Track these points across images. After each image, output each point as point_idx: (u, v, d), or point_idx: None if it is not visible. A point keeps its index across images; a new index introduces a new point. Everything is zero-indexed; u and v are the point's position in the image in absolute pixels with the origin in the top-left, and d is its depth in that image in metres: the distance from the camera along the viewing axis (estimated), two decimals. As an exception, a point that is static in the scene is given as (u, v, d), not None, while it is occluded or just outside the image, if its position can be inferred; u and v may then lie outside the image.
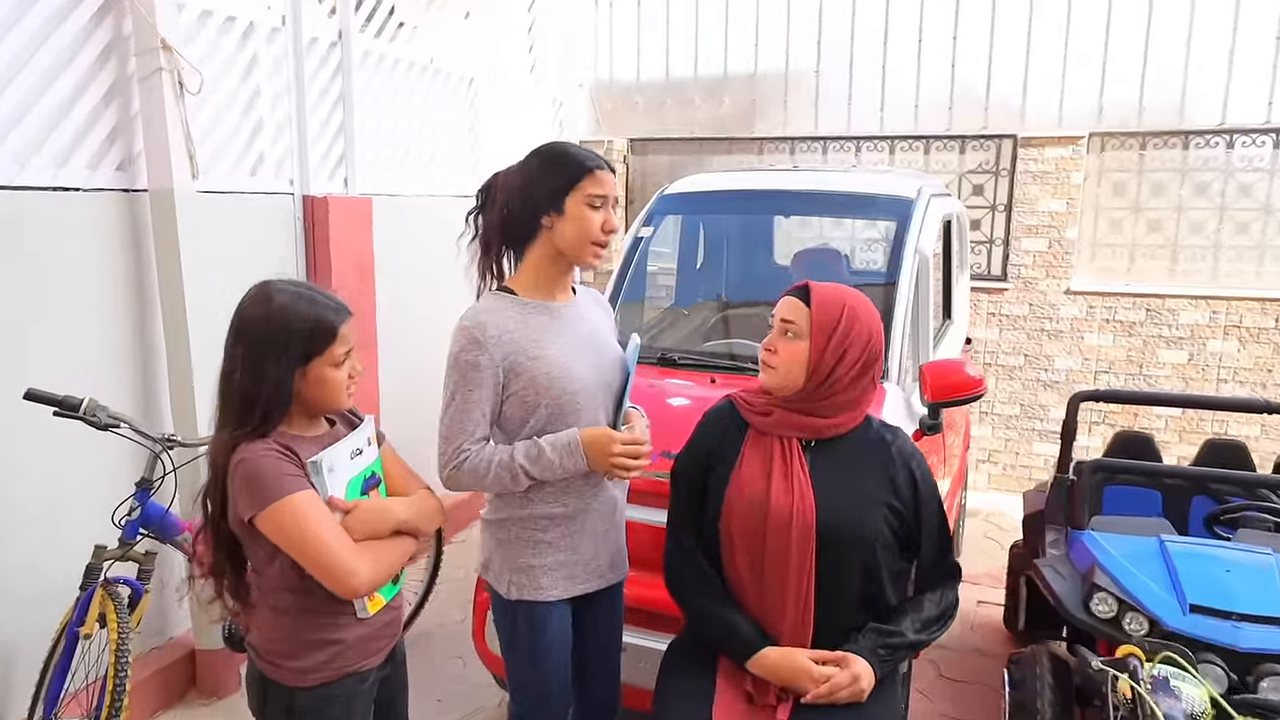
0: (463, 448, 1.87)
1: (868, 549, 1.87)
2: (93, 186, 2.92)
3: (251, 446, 1.59)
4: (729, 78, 6.26)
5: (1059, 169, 5.43)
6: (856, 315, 1.88)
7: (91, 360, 2.95)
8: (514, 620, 2.00)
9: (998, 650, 3.72)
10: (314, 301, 1.64)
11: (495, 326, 1.88)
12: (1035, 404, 5.67)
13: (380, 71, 4.32)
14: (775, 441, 1.93)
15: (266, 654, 1.70)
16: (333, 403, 1.69)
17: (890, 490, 1.90)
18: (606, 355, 2.02)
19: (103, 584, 2.50)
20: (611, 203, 1.95)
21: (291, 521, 1.55)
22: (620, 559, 2.11)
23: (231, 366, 1.61)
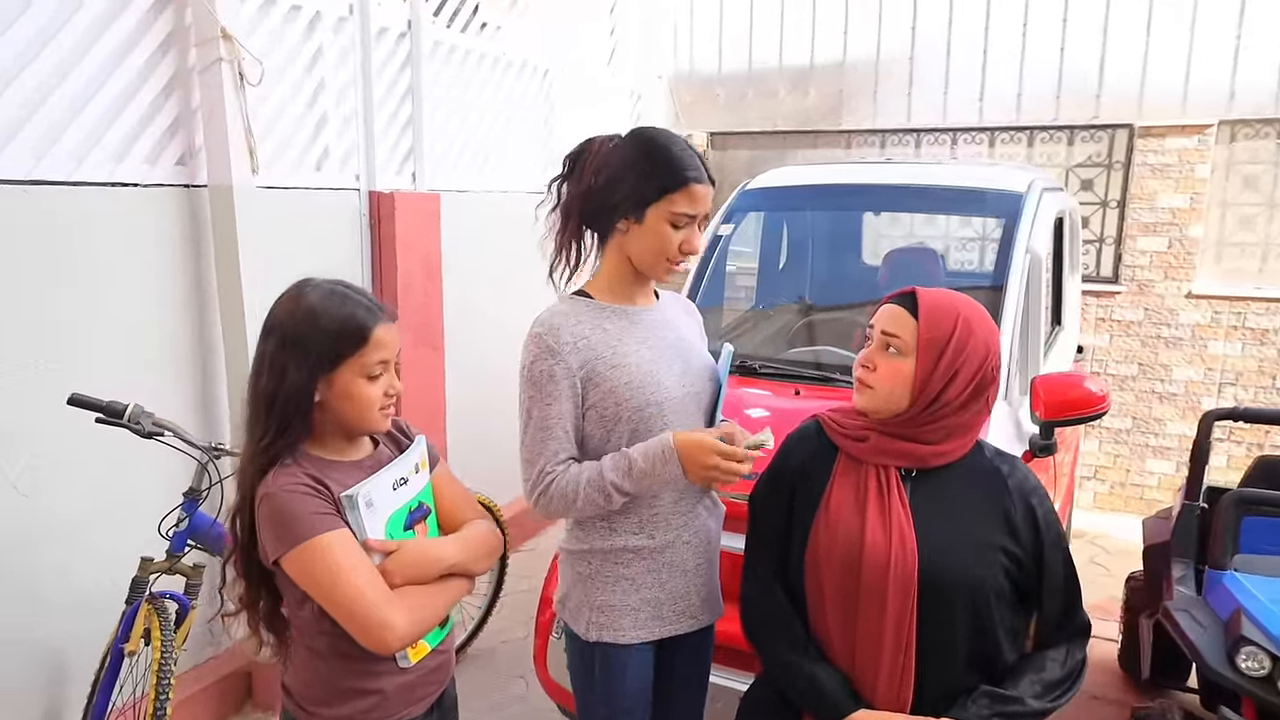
0: (547, 470, 1.67)
1: (979, 600, 1.59)
2: (151, 182, 2.83)
3: (279, 478, 1.41)
4: (815, 67, 5.94)
5: (1182, 161, 4.95)
6: (971, 329, 1.60)
7: (150, 360, 2.86)
8: (590, 662, 1.79)
9: (1113, 695, 3.35)
10: (347, 299, 1.46)
11: (570, 332, 1.67)
12: (1149, 417, 5.19)
13: (451, 63, 4.18)
14: (870, 470, 1.66)
15: (300, 699, 1.53)
16: (361, 422, 1.49)
17: (1006, 531, 1.62)
18: (695, 364, 1.79)
19: (148, 599, 2.39)
20: (700, 221, 1.72)
21: (320, 566, 1.37)
22: (714, 598, 1.88)
23: (258, 368, 1.44)
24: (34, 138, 2.50)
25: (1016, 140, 5.44)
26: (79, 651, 2.67)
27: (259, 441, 1.43)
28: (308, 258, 3.38)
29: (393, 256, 3.69)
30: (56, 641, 2.64)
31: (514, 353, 1.75)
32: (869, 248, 4.63)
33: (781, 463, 1.80)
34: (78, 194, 2.62)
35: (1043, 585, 1.63)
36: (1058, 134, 5.32)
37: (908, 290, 1.65)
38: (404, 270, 3.73)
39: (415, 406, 3.81)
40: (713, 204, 1.80)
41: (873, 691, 1.63)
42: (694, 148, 1.72)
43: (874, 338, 1.67)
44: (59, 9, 2.54)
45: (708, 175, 1.70)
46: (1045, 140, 5.36)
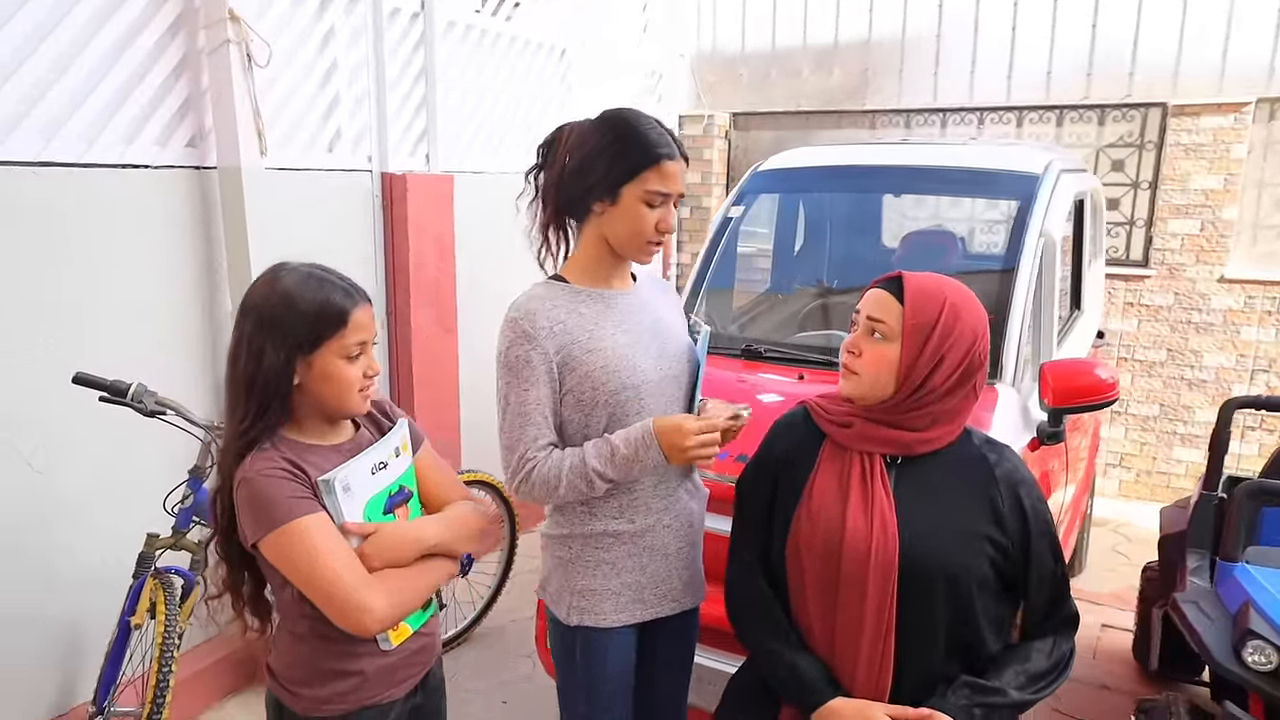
0: (527, 456, 1.67)
1: (960, 588, 1.56)
2: (162, 164, 2.86)
3: (256, 462, 1.42)
4: (840, 46, 5.84)
5: (1217, 141, 4.80)
6: (958, 313, 1.56)
7: (161, 341, 2.91)
8: (571, 647, 1.80)
9: (1126, 686, 3.29)
10: (324, 282, 1.46)
11: (545, 317, 1.67)
12: (1178, 404, 5.07)
13: (465, 43, 4.16)
14: (855, 457, 1.64)
15: (283, 679, 1.55)
16: (341, 403, 1.49)
17: (991, 520, 1.59)
18: (672, 347, 1.78)
19: (154, 574, 2.44)
20: (675, 199, 1.70)
21: (298, 550, 1.38)
22: (696, 582, 1.87)
23: (235, 350, 1.45)
24: (43, 120, 2.53)
25: (1045, 120, 5.31)
26: (92, 626, 2.74)
27: (238, 425, 1.44)
28: (320, 239, 3.41)
29: (405, 238, 3.70)
30: (70, 616, 2.71)
31: None
32: (891, 230, 4.55)
33: (768, 448, 1.79)
34: (88, 175, 2.66)
35: (1029, 575, 1.61)
36: (1088, 113, 5.18)
37: (894, 275, 1.62)
38: (416, 251, 3.75)
39: (428, 386, 3.84)
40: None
41: (851, 679, 1.61)
42: (665, 126, 1.70)
43: (860, 323, 1.64)
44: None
45: (680, 152, 1.68)
46: (1075, 120, 5.23)
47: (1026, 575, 1.61)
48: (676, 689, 1.96)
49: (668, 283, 1.96)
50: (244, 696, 3.17)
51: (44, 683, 2.66)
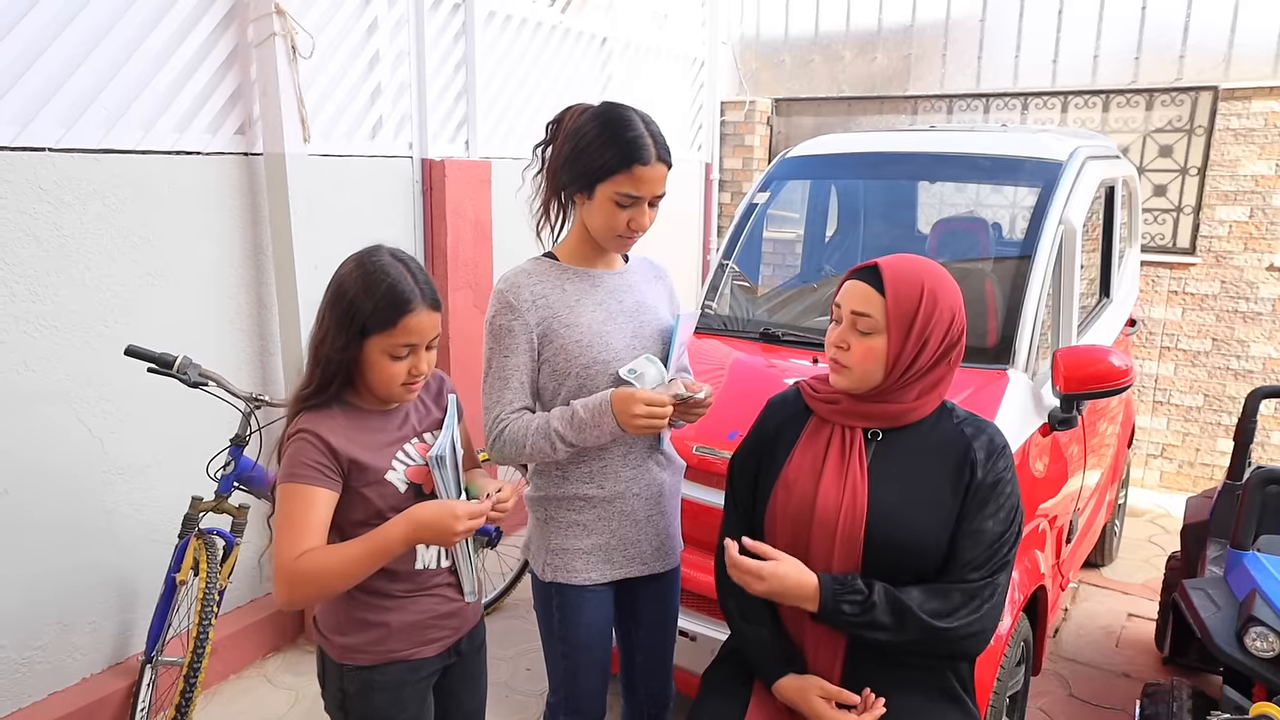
0: (501, 417, 1.80)
1: (926, 564, 1.62)
2: (212, 150, 3.04)
3: (306, 421, 1.52)
4: (883, 31, 5.81)
5: (1269, 125, 4.68)
6: (936, 296, 1.62)
7: (212, 317, 3.09)
8: (548, 603, 1.92)
9: (1146, 675, 3.29)
10: (398, 280, 1.52)
11: (530, 291, 1.79)
12: (1223, 395, 4.98)
13: (506, 31, 4.28)
14: (835, 431, 1.71)
15: (322, 626, 1.67)
16: (382, 392, 1.58)
17: (961, 494, 1.63)
18: (647, 329, 1.87)
19: (197, 534, 2.62)
20: (648, 201, 1.76)
21: (283, 508, 1.50)
22: (668, 547, 1.97)
23: (317, 319, 1.56)
24: (104, 110, 2.71)
25: (1091, 105, 5.22)
26: (147, 582, 2.94)
27: (301, 390, 1.55)
28: (361, 223, 3.57)
29: (444, 221, 3.85)
30: (127, 573, 2.92)
31: None
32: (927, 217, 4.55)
33: (760, 427, 1.87)
34: (144, 162, 2.84)
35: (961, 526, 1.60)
36: (1135, 98, 5.08)
37: (870, 264, 1.67)
38: (454, 235, 3.89)
39: (464, 367, 3.99)
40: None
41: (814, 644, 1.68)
42: (653, 127, 1.75)
43: (843, 317, 1.68)
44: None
45: (660, 157, 1.73)
46: (1122, 105, 5.13)
47: (967, 523, 1.61)
48: (659, 646, 2.06)
49: (662, 268, 2.02)
50: (285, 654, 3.37)
51: (104, 633, 2.88)
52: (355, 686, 1.64)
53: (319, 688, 1.74)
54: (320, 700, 1.76)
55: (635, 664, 2.05)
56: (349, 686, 1.64)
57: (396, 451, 1.61)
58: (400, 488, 1.58)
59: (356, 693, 1.64)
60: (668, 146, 1.78)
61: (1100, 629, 3.64)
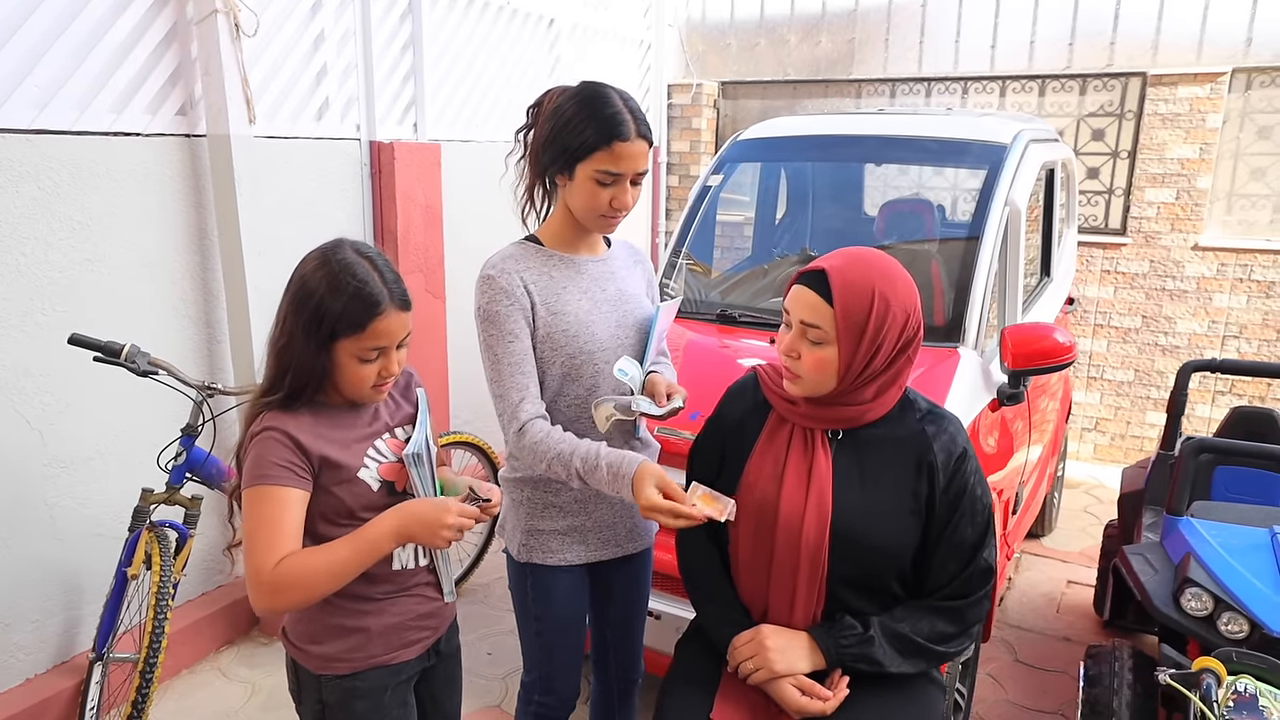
0: (519, 413, 1.74)
1: (893, 565, 1.63)
2: (153, 131, 2.94)
3: (272, 419, 1.45)
4: (827, 15, 5.88)
5: (1193, 110, 4.87)
6: (888, 300, 1.56)
7: (155, 304, 3.00)
8: (523, 583, 1.93)
9: (1085, 638, 3.44)
10: (365, 280, 1.44)
11: (519, 275, 1.77)
12: (1151, 370, 5.19)
13: (453, 11, 4.22)
14: (797, 430, 1.69)
15: (294, 636, 1.60)
16: (351, 394, 1.52)
17: (925, 494, 1.63)
18: (632, 316, 1.88)
19: (149, 527, 2.56)
20: (630, 179, 1.73)
21: (253, 511, 1.42)
22: (642, 529, 1.99)
23: (277, 320, 1.48)
24: (36, 88, 2.60)
25: (1028, 89, 5.37)
26: (92, 578, 2.86)
27: (266, 394, 1.47)
28: (309, 206, 3.50)
29: (393, 205, 3.79)
30: (71, 568, 2.83)
31: None
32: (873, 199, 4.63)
33: (719, 414, 1.84)
34: (80, 143, 2.74)
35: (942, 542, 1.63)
36: (1070, 83, 5.24)
37: (817, 267, 1.61)
38: (404, 219, 3.83)
39: (417, 351, 3.92)
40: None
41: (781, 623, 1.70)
42: (632, 104, 1.73)
43: (792, 325, 1.63)
44: (57, -37, 2.63)
45: (639, 133, 1.71)
46: (1057, 90, 5.29)
47: (947, 536, 1.63)
48: (630, 622, 2.08)
49: (641, 252, 2.04)
50: (240, 647, 3.31)
51: (48, 631, 2.79)
52: (335, 696, 1.58)
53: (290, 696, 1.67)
54: (276, 693, 1.70)
55: (606, 640, 2.07)
56: (329, 697, 1.58)
57: (368, 448, 1.55)
58: (373, 485, 1.54)
59: (337, 703, 1.58)
60: (648, 123, 1.76)
61: (1042, 596, 3.79)
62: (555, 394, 1.82)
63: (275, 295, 1.54)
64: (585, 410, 1.82)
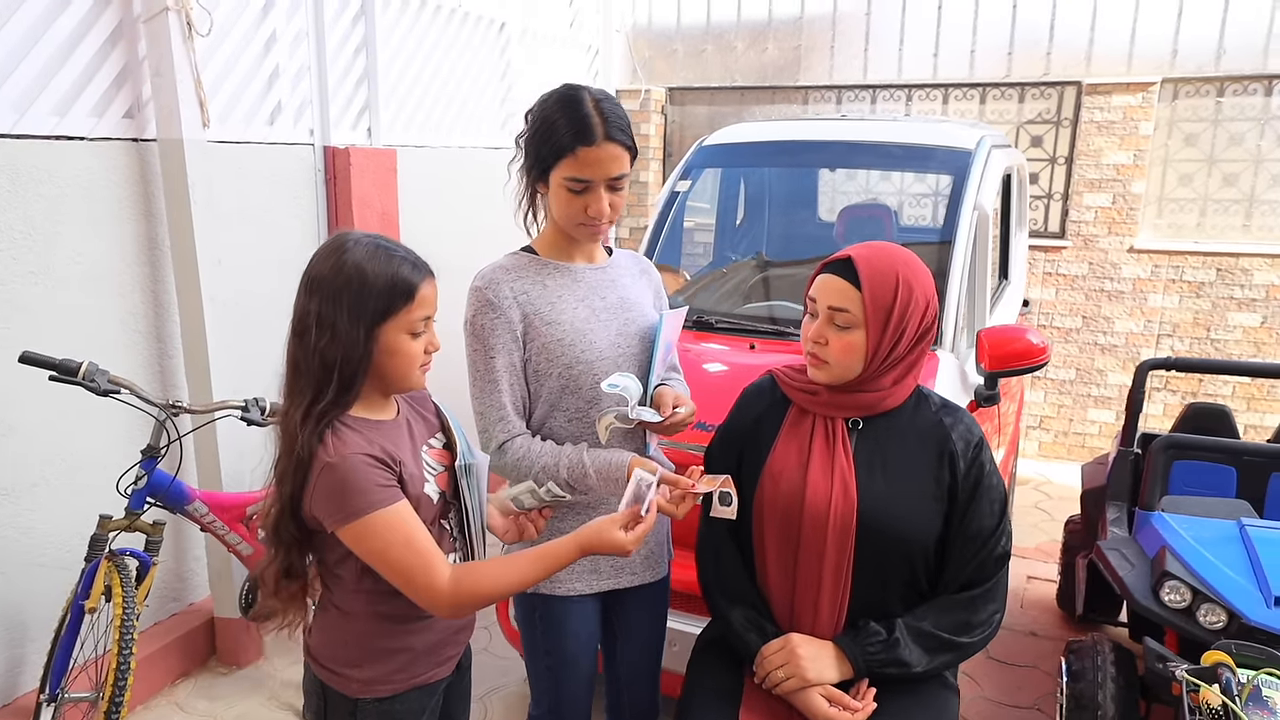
0: (497, 432, 1.70)
1: (915, 548, 1.65)
2: (98, 135, 2.77)
3: (342, 445, 1.37)
4: (774, 22, 5.93)
5: (1127, 118, 5.07)
6: (912, 285, 1.62)
7: (104, 316, 2.83)
8: (531, 615, 1.85)
9: (1052, 632, 3.52)
10: (392, 255, 1.42)
11: (510, 287, 1.71)
12: (1092, 368, 5.38)
13: (405, 14, 4.11)
14: (818, 421, 1.71)
15: (327, 660, 1.51)
16: (401, 379, 1.45)
17: (946, 482, 1.66)
18: (633, 327, 1.81)
19: (108, 556, 2.40)
20: (603, 185, 1.65)
21: (387, 537, 1.36)
22: (656, 556, 1.92)
23: (304, 325, 1.39)
24: (-27, 90, 2.43)
25: (969, 97, 5.51)
26: (38, 611, 2.67)
27: (313, 403, 1.38)
28: (264, 213, 3.35)
29: (349, 212, 3.66)
30: (15, 601, 2.64)
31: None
32: (825, 204, 4.68)
33: (736, 417, 1.85)
34: (20, 147, 2.56)
35: (964, 528, 1.65)
36: (1009, 91, 5.40)
37: (843, 256, 1.65)
38: (361, 226, 3.70)
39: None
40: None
41: (810, 632, 1.69)
42: (606, 106, 1.65)
43: (819, 312, 1.66)
44: (-5, -45, 2.46)
45: (610, 136, 1.62)
46: (997, 97, 5.44)
47: (965, 524, 1.65)
48: (646, 659, 2.00)
49: (648, 263, 1.98)
50: (197, 679, 3.14)
51: (-10, 671, 2.60)
52: (372, 717, 1.51)
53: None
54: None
55: (619, 677, 2.00)
56: (365, 717, 1.50)
57: (422, 462, 1.50)
58: (434, 498, 1.48)
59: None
60: (623, 124, 1.67)
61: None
62: (553, 407, 1.75)
63: (233, 306, 1.46)
64: (584, 425, 1.76)
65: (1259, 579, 2.33)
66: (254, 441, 2.86)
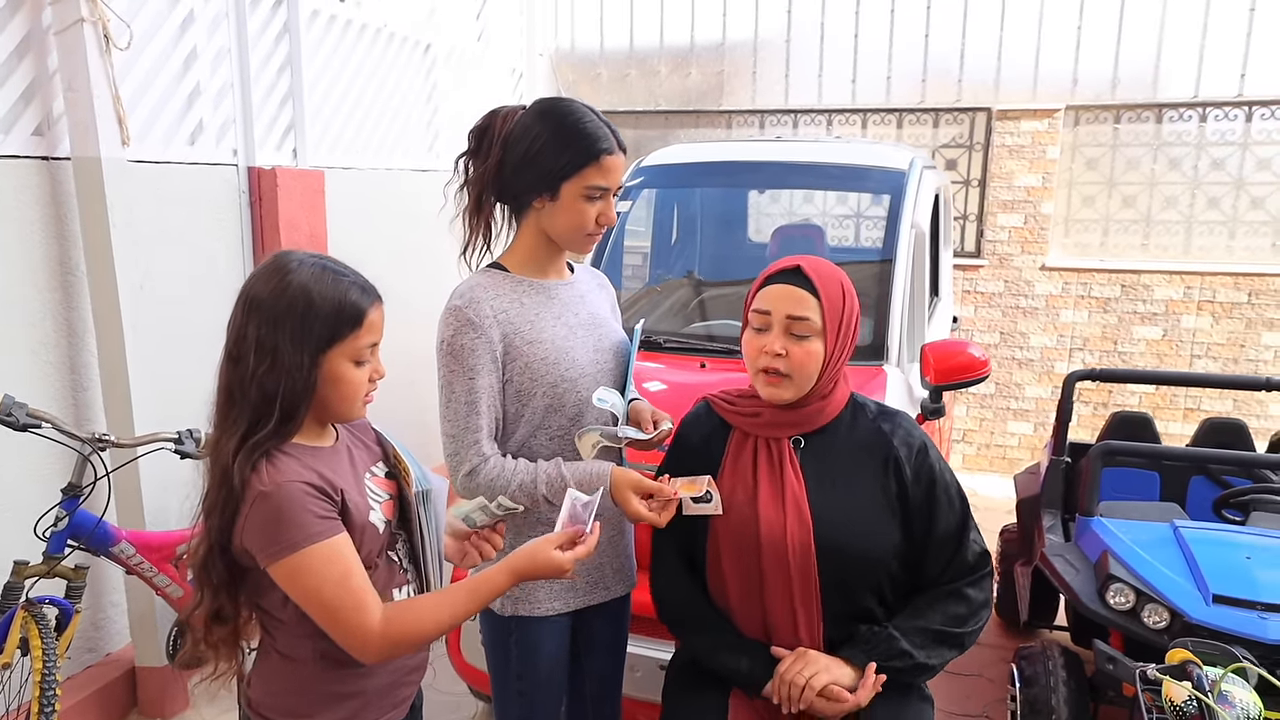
0: (470, 455, 1.63)
1: (879, 565, 1.64)
2: (5, 153, 2.59)
3: (277, 474, 1.28)
4: (696, 48, 6.02)
5: (1035, 143, 5.32)
6: (853, 291, 1.66)
7: (13, 348, 2.63)
8: (505, 640, 1.78)
9: (993, 640, 3.60)
10: (339, 277, 1.34)
11: (490, 305, 1.65)
12: (1010, 382, 5.58)
13: (330, 33, 4.00)
14: (761, 444, 1.68)
15: (271, 711, 1.40)
16: (344, 409, 1.38)
17: (896, 489, 1.65)
18: (607, 340, 1.79)
19: (24, 605, 2.20)
20: (614, 192, 1.69)
21: (311, 579, 1.27)
22: (627, 568, 1.89)
23: (240, 351, 1.30)
24: None
25: (887, 121, 5.70)
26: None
27: (249, 433, 1.29)
28: (186, 236, 3.19)
29: (276, 235, 3.51)
30: (-86, 658, 2.41)
31: (416, 330, 1.68)
32: (753, 225, 4.73)
33: (678, 447, 1.80)
34: (-80, 166, 2.38)
35: (933, 529, 1.65)
36: (924, 116, 5.60)
37: (790, 265, 1.63)
38: (290, 248, 3.56)
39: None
40: None
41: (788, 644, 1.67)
42: (603, 117, 1.68)
43: (772, 324, 1.62)
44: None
45: (619, 144, 1.68)
46: (913, 122, 5.64)
47: (930, 528, 1.65)
48: (610, 671, 1.97)
49: (603, 276, 1.97)
50: (118, 734, 2.92)
51: (-116, 740, 2.36)
52: None
53: None
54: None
55: (585, 694, 1.94)
56: None
57: (365, 490, 1.41)
58: (380, 528, 1.39)
59: None
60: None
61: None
62: (536, 427, 1.70)
63: (155, 332, 1.36)
64: (566, 443, 1.72)
65: (1196, 579, 2.43)
66: (180, 475, 2.69)
